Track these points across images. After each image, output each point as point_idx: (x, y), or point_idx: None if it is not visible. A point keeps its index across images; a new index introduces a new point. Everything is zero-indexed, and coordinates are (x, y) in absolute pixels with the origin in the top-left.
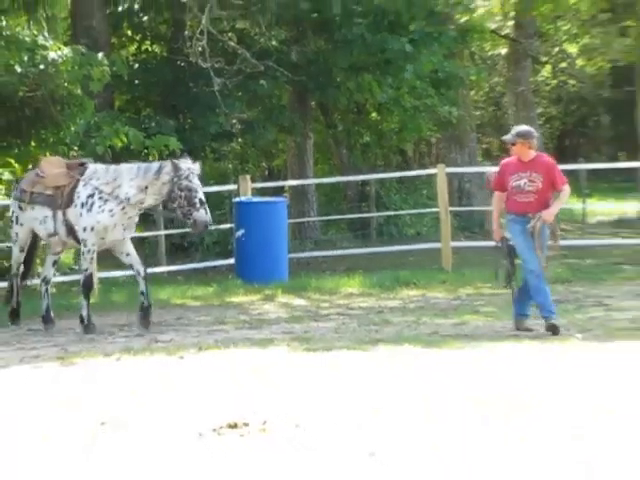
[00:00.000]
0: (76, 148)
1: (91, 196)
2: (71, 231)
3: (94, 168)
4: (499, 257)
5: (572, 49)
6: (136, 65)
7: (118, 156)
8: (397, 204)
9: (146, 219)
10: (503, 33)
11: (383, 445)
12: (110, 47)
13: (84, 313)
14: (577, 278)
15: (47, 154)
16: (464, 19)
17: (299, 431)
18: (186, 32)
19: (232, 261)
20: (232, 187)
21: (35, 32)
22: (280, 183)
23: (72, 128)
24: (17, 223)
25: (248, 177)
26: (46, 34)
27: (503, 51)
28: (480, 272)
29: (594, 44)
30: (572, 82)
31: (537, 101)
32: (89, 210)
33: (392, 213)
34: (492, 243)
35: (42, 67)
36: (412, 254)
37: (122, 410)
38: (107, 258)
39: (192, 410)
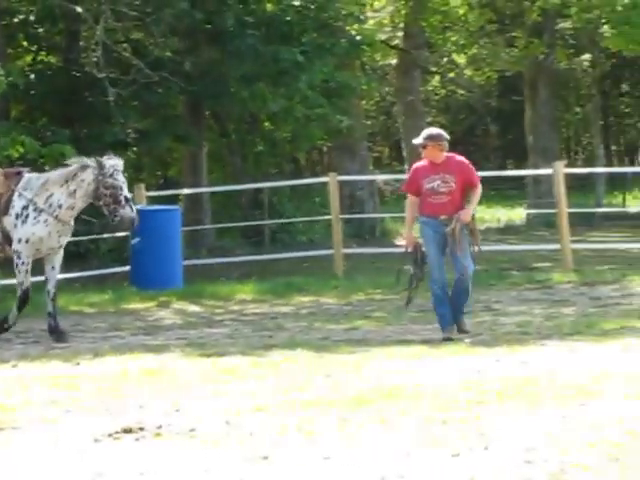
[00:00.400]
0: None
1: (25, 208)
2: (7, 239)
3: (28, 178)
4: (407, 262)
5: (460, 59)
6: (32, 75)
7: (15, 165)
8: (290, 211)
9: None
10: (393, 44)
11: (276, 449)
12: (6, 57)
13: (10, 322)
14: None
15: None
16: (355, 30)
17: (194, 435)
18: (81, 43)
19: (128, 268)
20: None
21: None
22: (175, 191)
23: None
24: None
25: (142, 186)
26: None
27: (393, 61)
28: (371, 278)
29: (482, 54)
30: (461, 92)
31: (426, 110)
32: (24, 222)
33: (285, 220)
34: (383, 249)
35: None
36: (305, 261)
37: (16, 416)
38: (5, 266)
39: (88, 416)
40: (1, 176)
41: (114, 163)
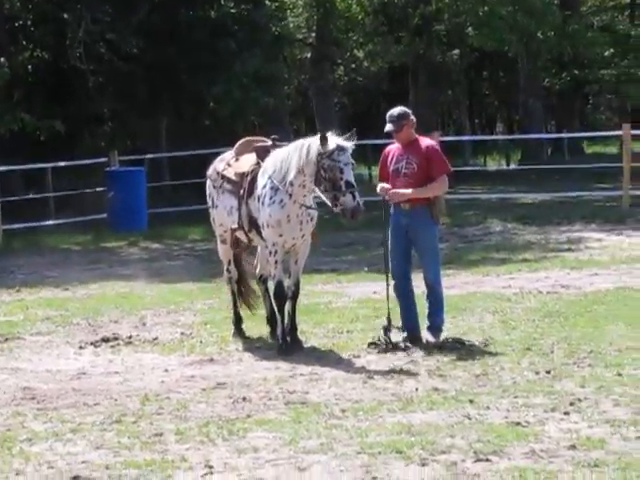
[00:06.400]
0: None
1: (264, 187)
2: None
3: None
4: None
5: (360, 53)
6: (29, 67)
7: (16, 136)
8: None
9: (34, 181)
10: (308, 42)
11: (219, 353)
12: (9, 54)
13: (279, 331)
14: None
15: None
16: (278, 30)
17: (156, 343)
18: (67, 42)
19: (105, 215)
20: (104, 160)
21: None
22: (140, 157)
23: None
24: (213, 206)
25: (116, 152)
26: None
27: (308, 55)
28: None
29: (376, 50)
30: (360, 78)
31: (334, 93)
32: (263, 203)
33: None
34: None
35: None
36: None
37: (20, 329)
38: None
39: (74, 329)
40: (254, 152)
41: (339, 142)
